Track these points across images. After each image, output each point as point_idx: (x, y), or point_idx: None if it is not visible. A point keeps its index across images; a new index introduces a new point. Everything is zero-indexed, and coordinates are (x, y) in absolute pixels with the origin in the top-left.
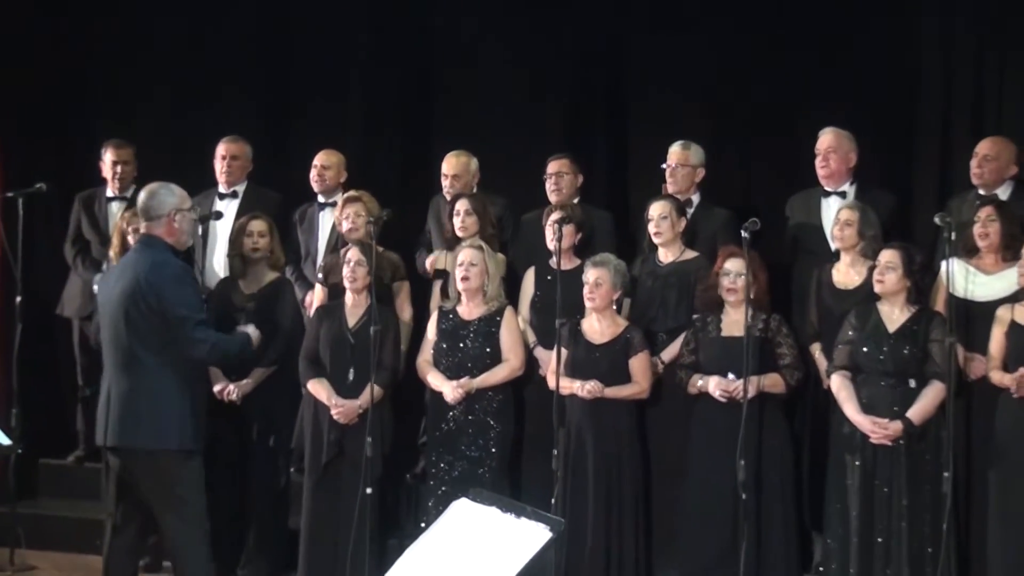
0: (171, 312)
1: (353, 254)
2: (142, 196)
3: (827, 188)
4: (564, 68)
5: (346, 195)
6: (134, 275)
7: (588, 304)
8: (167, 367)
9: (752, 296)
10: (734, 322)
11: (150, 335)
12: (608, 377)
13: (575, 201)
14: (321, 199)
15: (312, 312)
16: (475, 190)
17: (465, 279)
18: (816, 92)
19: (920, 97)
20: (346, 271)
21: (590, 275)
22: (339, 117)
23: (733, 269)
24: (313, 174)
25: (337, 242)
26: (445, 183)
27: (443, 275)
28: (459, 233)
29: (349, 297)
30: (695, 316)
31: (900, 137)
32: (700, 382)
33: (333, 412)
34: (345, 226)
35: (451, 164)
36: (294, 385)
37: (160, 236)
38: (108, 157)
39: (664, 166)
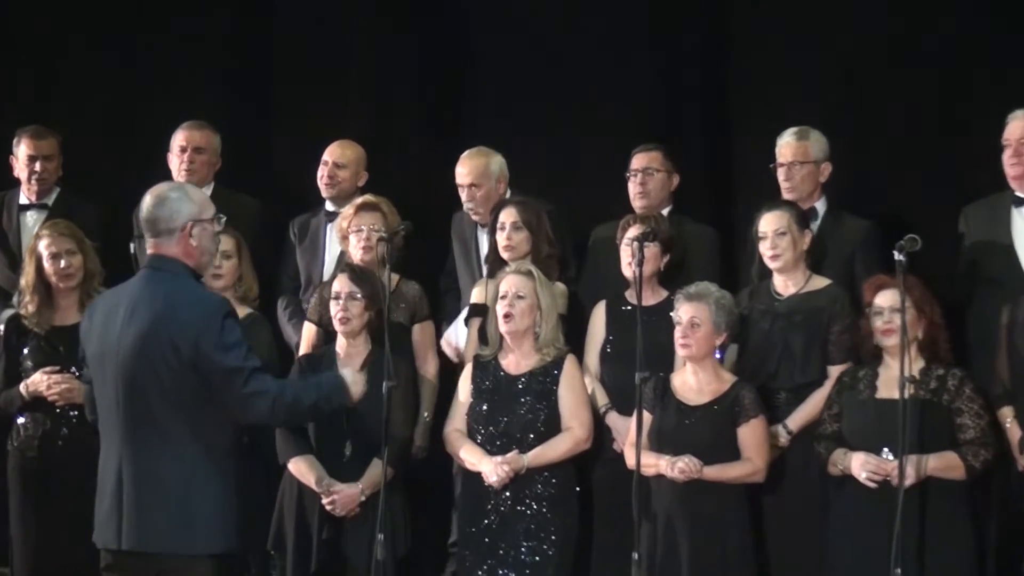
0: (214, 364)
1: (342, 284)
2: (146, 203)
3: (1020, 194)
4: (646, 33)
5: (358, 201)
6: (152, 316)
7: (681, 352)
8: (200, 441)
9: (920, 337)
10: (895, 379)
11: (180, 397)
12: (709, 452)
13: (664, 212)
14: (330, 207)
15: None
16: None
17: (509, 318)
18: (998, 58)
19: None
20: (335, 308)
21: (684, 312)
22: (338, 97)
23: (888, 306)
24: (322, 174)
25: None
26: (462, 196)
27: (481, 312)
28: (504, 254)
29: (342, 343)
30: (844, 368)
31: None
32: (844, 461)
33: (325, 501)
34: (355, 245)
35: (464, 168)
36: (269, 464)
37: (175, 257)
38: (23, 150)
39: (774, 164)
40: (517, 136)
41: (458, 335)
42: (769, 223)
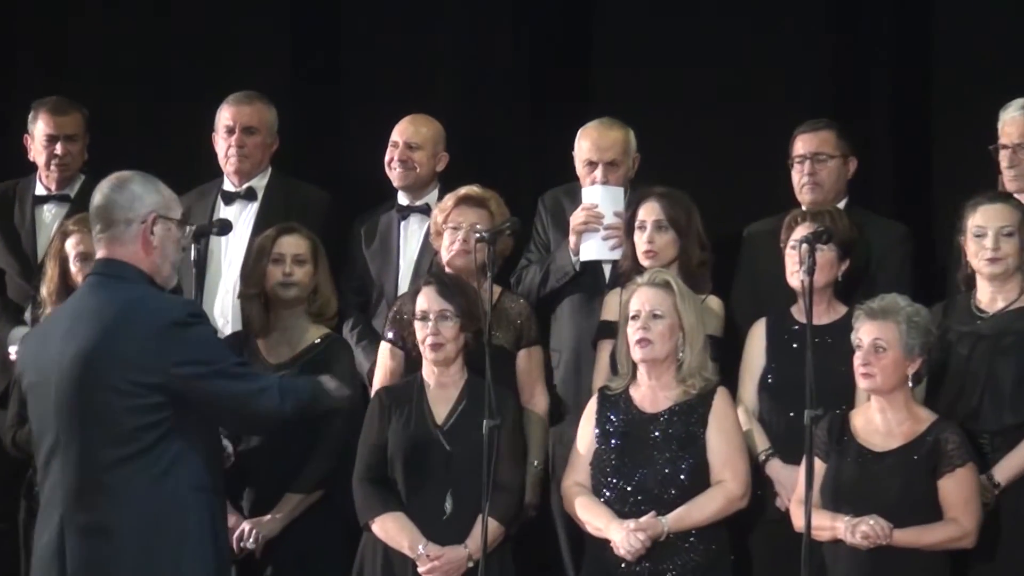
0: (199, 379)
1: (429, 299)
2: (102, 188)
3: None
4: None
5: (461, 192)
6: (98, 331)
7: (863, 384)
8: (163, 478)
9: None
10: None
11: (130, 428)
12: (901, 510)
13: (840, 205)
14: (404, 199)
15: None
16: (629, 184)
17: (645, 342)
18: None
19: None
20: (422, 330)
21: (866, 333)
22: (416, 65)
23: None
24: (391, 157)
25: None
26: (586, 171)
27: (612, 331)
28: (644, 261)
29: (430, 371)
30: None
31: None
32: None
33: (423, 569)
34: (448, 245)
35: (598, 139)
36: (349, 523)
37: (128, 261)
38: (40, 128)
39: (995, 146)
40: (643, 109)
41: None
42: (992, 217)
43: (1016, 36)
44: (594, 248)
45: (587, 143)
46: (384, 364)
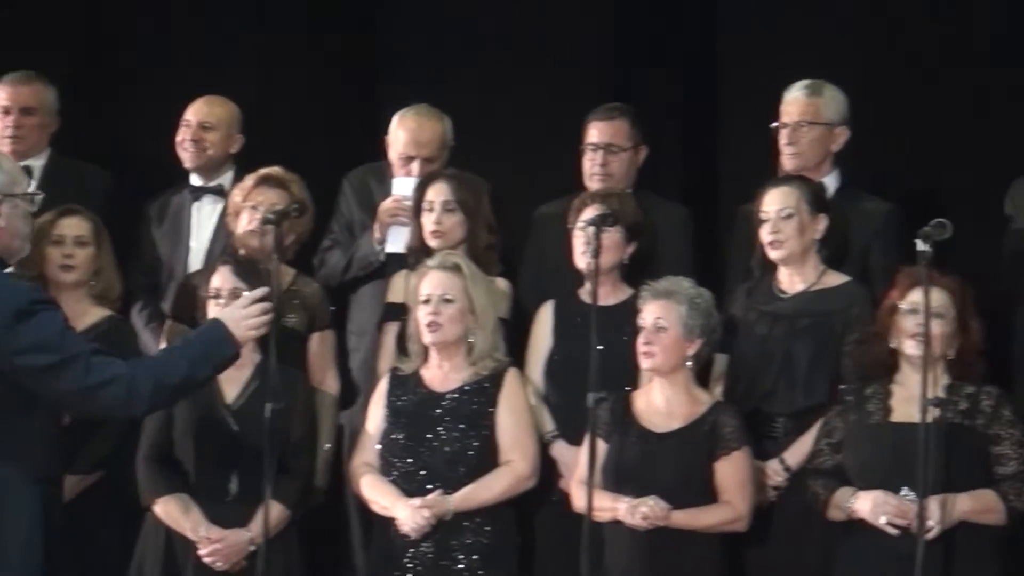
0: (34, 366)
1: (223, 278)
2: None
3: None
4: None
5: (262, 172)
6: None
7: (643, 363)
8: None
9: (953, 355)
10: (917, 398)
11: None
12: (679, 492)
13: (628, 190)
14: (197, 181)
15: None
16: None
17: (435, 326)
18: None
19: None
20: (214, 308)
21: (649, 313)
22: (211, 44)
23: (923, 306)
24: (183, 137)
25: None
26: (401, 163)
27: (398, 313)
28: (431, 242)
29: None
30: (843, 388)
31: None
32: (852, 502)
33: (203, 552)
34: (244, 225)
35: (417, 133)
36: (131, 505)
37: None
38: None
39: (776, 124)
40: (441, 95)
41: None
42: (772, 201)
43: (800, 21)
44: (402, 240)
45: (404, 136)
46: (168, 341)
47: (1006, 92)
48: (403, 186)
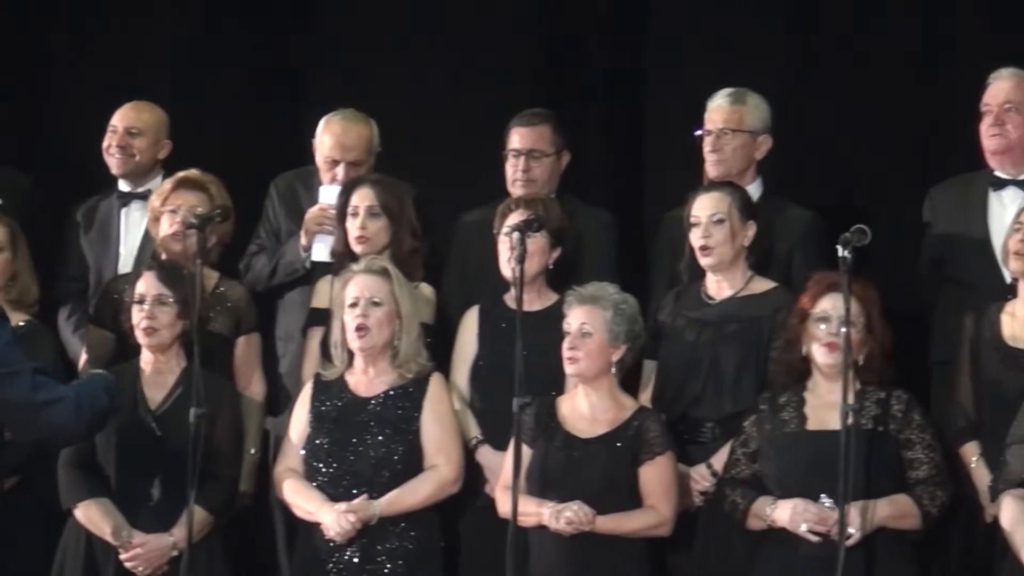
0: None
1: (148, 284)
2: None
3: (1000, 173)
4: None
5: (180, 176)
6: None
7: (568, 368)
8: None
9: (862, 360)
10: (831, 405)
11: None
12: (603, 497)
13: (552, 195)
14: (125, 186)
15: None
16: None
17: (363, 329)
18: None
19: None
20: (138, 314)
21: (574, 319)
22: (137, 48)
23: (836, 313)
24: (109, 143)
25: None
26: (327, 167)
27: (322, 318)
28: (356, 248)
29: (148, 358)
30: (762, 396)
31: None
32: (771, 511)
33: (124, 556)
34: (165, 230)
35: (342, 137)
36: (50, 511)
37: None
38: None
39: (700, 131)
40: (365, 99)
41: None
42: (702, 207)
43: (725, 28)
44: (327, 249)
45: (330, 139)
46: (90, 346)
47: (925, 100)
48: (330, 194)
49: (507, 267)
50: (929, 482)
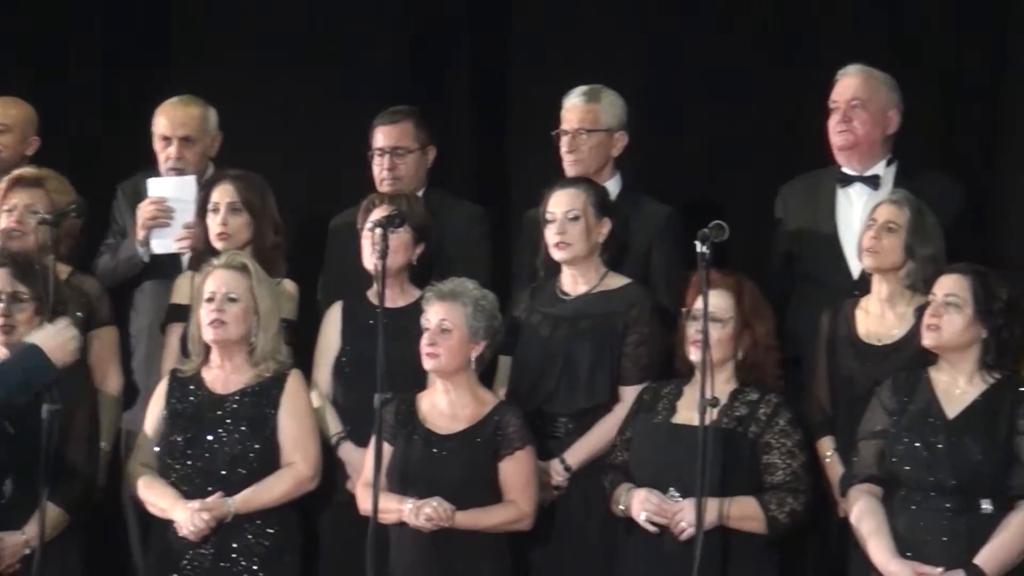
0: None
1: (2, 280)
2: None
3: (847, 170)
4: None
5: (15, 174)
6: None
7: (427, 364)
8: None
9: (741, 356)
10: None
11: None
12: (464, 492)
13: (420, 193)
14: None
15: None
16: (211, 166)
17: (218, 323)
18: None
19: (1016, 24)
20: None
21: (433, 315)
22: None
23: (722, 311)
24: None
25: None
26: (161, 147)
27: (182, 314)
28: (217, 244)
29: (2, 353)
30: (647, 387)
31: (972, 84)
32: (624, 498)
33: None
34: (3, 225)
35: (172, 114)
36: None
37: None
38: None
39: (556, 131)
40: (226, 96)
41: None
42: (560, 203)
43: (585, 23)
44: (165, 242)
45: (163, 119)
46: None
47: (781, 96)
48: (160, 187)
49: (370, 263)
50: (782, 488)
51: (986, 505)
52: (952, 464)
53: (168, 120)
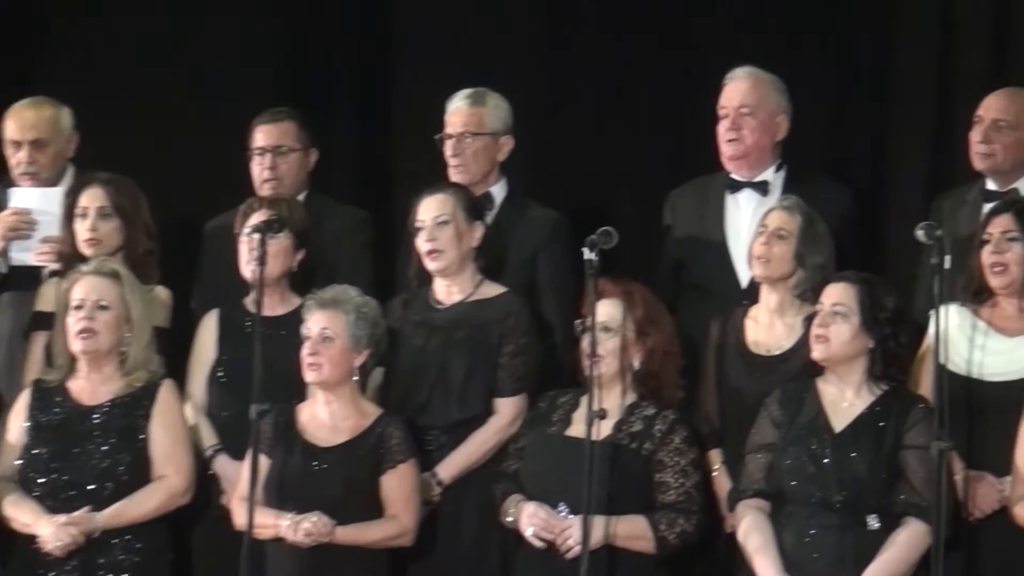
0: None
1: None
2: None
3: (736, 176)
4: None
5: None
6: None
7: (309, 375)
8: None
9: (637, 366)
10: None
11: None
12: (344, 507)
13: (300, 197)
14: None
15: None
16: (70, 168)
17: (88, 332)
18: (723, 8)
19: (899, 26)
20: None
21: (314, 323)
22: None
23: (602, 321)
24: None
25: None
26: (12, 152)
27: (47, 322)
28: (86, 250)
29: None
30: (545, 394)
31: (860, 91)
32: (513, 511)
33: None
34: None
35: (22, 117)
36: None
37: None
38: None
39: (440, 135)
40: (94, 96)
41: None
42: (428, 209)
43: (474, 25)
44: (25, 255)
45: (11, 123)
46: None
47: (672, 101)
48: (23, 198)
49: (247, 269)
50: (674, 508)
51: (872, 521)
52: (838, 479)
53: (16, 124)
